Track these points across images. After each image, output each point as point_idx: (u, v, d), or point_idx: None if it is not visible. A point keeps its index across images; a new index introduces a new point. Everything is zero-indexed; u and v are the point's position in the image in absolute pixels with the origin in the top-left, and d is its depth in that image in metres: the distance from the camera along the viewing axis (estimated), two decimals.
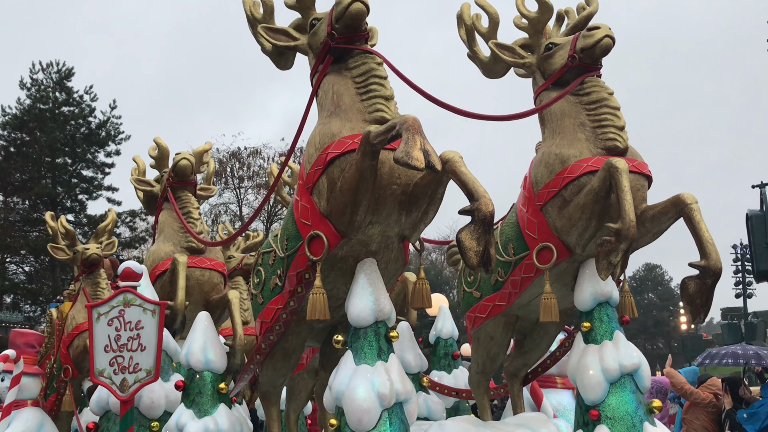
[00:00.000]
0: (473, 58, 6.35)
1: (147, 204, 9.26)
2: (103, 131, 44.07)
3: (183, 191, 8.35)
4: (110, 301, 6.03)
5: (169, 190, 8.31)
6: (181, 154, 8.28)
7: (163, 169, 8.82)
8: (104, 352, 5.96)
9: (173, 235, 8.19)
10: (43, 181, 42.56)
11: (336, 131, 5.03)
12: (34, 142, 42.06)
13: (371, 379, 4.85)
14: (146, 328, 5.97)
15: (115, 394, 5.92)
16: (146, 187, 8.97)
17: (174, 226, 8.25)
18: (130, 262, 6.30)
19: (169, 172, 8.40)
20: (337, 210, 4.91)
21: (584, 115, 5.71)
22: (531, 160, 6.04)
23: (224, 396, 5.89)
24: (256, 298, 5.78)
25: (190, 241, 8.04)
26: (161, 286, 7.88)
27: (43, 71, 43.81)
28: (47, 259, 41.74)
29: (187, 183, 8.41)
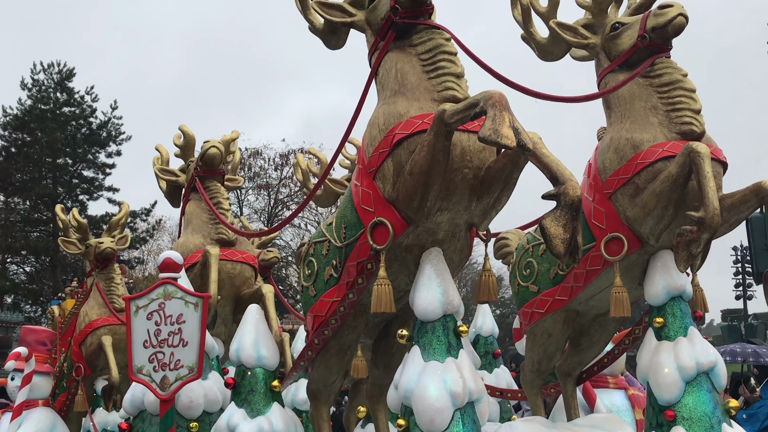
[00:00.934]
0: (528, 39, 5.96)
1: (170, 195, 8.81)
2: (104, 132, 43.65)
3: (211, 181, 7.90)
4: (149, 294, 5.60)
5: (197, 180, 7.85)
6: (210, 142, 7.83)
7: (188, 159, 8.36)
8: (143, 348, 5.52)
9: (202, 226, 7.73)
10: (44, 181, 42.13)
11: (403, 111, 4.63)
12: (35, 143, 41.65)
13: (442, 377, 4.45)
14: (188, 323, 5.54)
15: (155, 392, 5.49)
16: (171, 177, 8.51)
17: (202, 217, 7.79)
18: (170, 252, 5.87)
19: (197, 161, 7.93)
20: (405, 195, 4.50)
21: (656, 98, 5.33)
22: (595, 146, 5.65)
23: (277, 394, 5.46)
24: (308, 291, 5.37)
25: (220, 233, 7.59)
26: (191, 279, 7.43)
27: (44, 72, 43.40)
28: (48, 260, 41.36)
29: (215, 172, 7.96)
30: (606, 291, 5.54)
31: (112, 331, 10.11)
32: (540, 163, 4.28)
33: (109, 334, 10.04)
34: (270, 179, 41.99)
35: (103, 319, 10.13)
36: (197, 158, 7.95)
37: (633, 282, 5.46)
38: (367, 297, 5.01)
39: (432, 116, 4.48)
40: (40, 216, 41.89)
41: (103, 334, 10.00)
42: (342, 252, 5.01)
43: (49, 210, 42.00)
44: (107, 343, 9.91)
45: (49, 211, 41.99)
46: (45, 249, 40.68)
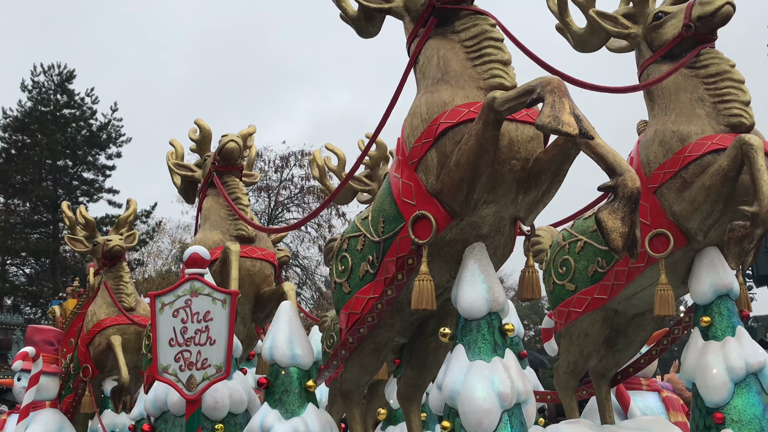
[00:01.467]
0: (564, 29, 5.75)
1: (185, 191, 8.54)
2: (104, 134, 43.55)
3: (229, 176, 7.62)
4: (175, 290, 5.35)
5: (214, 175, 7.59)
6: (229, 136, 7.56)
7: (205, 153, 8.10)
8: (169, 346, 5.28)
9: (220, 222, 7.46)
10: (44, 183, 42.01)
11: (447, 100, 4.40)
12: (35, 145, 41.52)
13: (490, 377, 4.21)
14: (216, 320, 5.29)
15: (182, 392, 5.24)
16: (186, 172, 8.23)
17: (221, 213, 7.51)
18: (196, 247, 5.63)
19: (214, 156, 7.67)
20: (450, 187, 4.27)
21: (702, 89, 5.12)
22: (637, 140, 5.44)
23: (312, 395, 5.21)
24: (341, 288, 5.13)
25: (240, 229, 7.32)
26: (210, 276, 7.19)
27: (45, 73, 43.30)
28: (48, 261, 41.16)
29: (233, 167, 7.69)
30: (648, 289, 5.33)
31: (121, 331, 9.85)
32: (595, 154, 4.05)
33: (118, 334, 9.78)
34: (270, 181, 41.76)
35: (111, 319, 9.88)
36: (215, 152, 7.69)
37: (677, 280, 5.25)
38: (405, 294, 4.79)
39: (479, 105, 4.26)
40: (40, 218, 41.74)
41: (112, 334, 9.75)
42: (379, 247, 4.78)
43: (49, 212, 41.91)
44: (116, 343, 9.65)
45: (49, 213, 41.89)
46: (45, 251, 40.52)
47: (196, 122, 8.16)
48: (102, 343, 9.83)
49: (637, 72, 5.52)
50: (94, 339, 9.95)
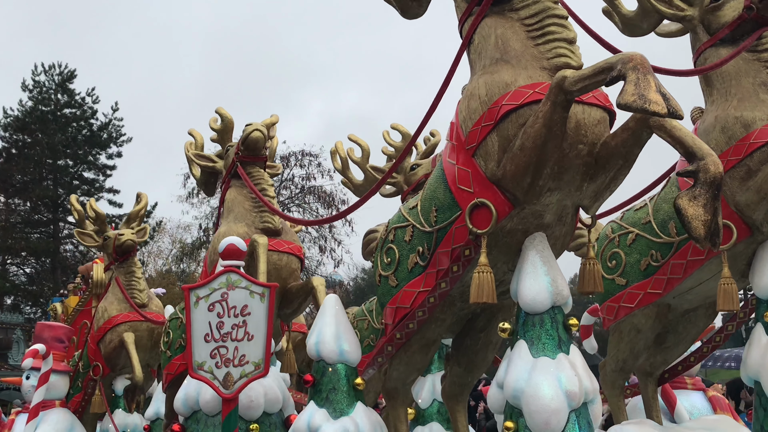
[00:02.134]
0: (612, 12, 5.47)
1: (204, 182, 8.20)
2: (105, 133, 43.15)
3: (253, 167, 7.29)
4: (211, 283, 5.05)
5: (238, 166, 7.25)
6: (253, 125, 7.22)
7: (226, 143, 7.76)
8: (204, 342, 4.97)
9: (245, 214, 7.10)
10: (45, 182, 41.61)
11: (509, 80, 4.11)
12: (35, 144, 41.15)
13: (556, 375, 3.93)
14: (253, 314, 4.99)
15: (218, 391, 4.95)
16: (207, 163, 7.87)
17: (245, 204, 7.16)
18: (232, 238, 5.33)
19: (237, 145, 7.33)
20: (514, 173, 3.99)
21: (765, 73, 4.85)
22: (693, 128, 5.16)
23: (360, 393, 4.90)
24: (387, 281, 4.84)
25: (266, 222, 6.97)
26: None
27: (45, 73, 42.89)
28: (48, 261, 40.78)
29: (258, 158, 7.36)
30: (706, 284, 5.06)
31: (134, 328, 9.51)
32: (672, 137, 3.77)
33: (130, 331, 9.45)
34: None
35: (123, 315, 9.54)
36: (238, 142, 7.36)
37: (737, 273, 4.96)
38: (458, 287, 4.51)
39: (544, 86, 3.98)
40: (40, 217, 41.38)
41: (124, 331, 9.42)
42: (431, 237, 4.49)
43: (49, 211, 41.53)
44: (129, 340, 9.32)
45: (49, 213, 41.52)
46: (45, 250, 40.16)
47: (217, 111, 7.82)
48: (114, 340, 9.50)
49: (693, 57, 5.24)
50: (105, 336, 9.61)
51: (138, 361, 9.24)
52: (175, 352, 7.57)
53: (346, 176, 8.26)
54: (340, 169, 8.26)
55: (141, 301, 9.63)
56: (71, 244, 42.11)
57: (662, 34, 5.56)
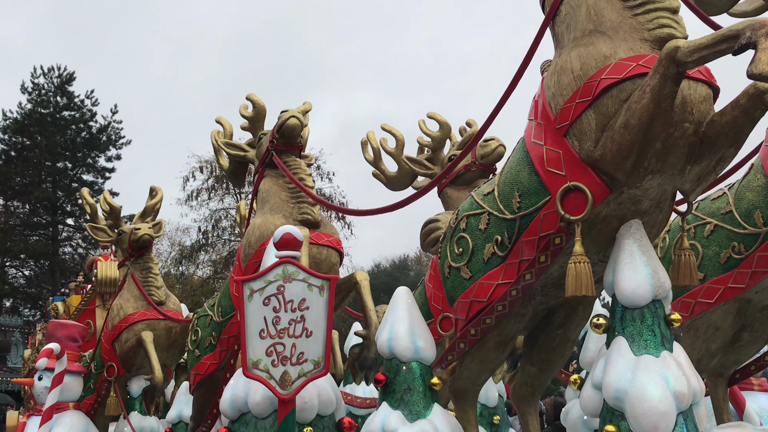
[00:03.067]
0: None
1: (233, 173, 7.74)
2: (104, 136, 42.63)
3: (289, 155, 6.86)
4: (266, 275, 4.63)
5: (273, 154, 6.82)
6: (289, 112, 6.78)
7: (258, 131, 7.33)
8: (259, 339, 4.55)
9: (282, 205, 6.65)
10: (44, 185, 41.07)
11: (608, 53, 3.73)
12: (34, 147, 40.64)
13: (663, 374, 3.55)
14: (312, 309, 4.58)
15: (275, 391, 4.53)
16: (237, 152, 7.41)
17: (281, 195, 6.71)
18: (288, 227, 4.91)
19: (272, 133, 6.90)
20: (615, 153, 3.60)
21: None
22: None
23: (436, 394, 4.48)
24: (458, 273, 4.44)
25: (305, 213, 6.52)
26: None
27: (44, 75, 42.37)
28: (47, 263, 40.24)
29: (294, 146, 6.93)
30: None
31: (151, 326, 9.03)
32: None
33: (148, 330, 8.99)
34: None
35: (140, 313, 9.05)
36: (272, 130, 6.93)
37: None
38: (540, 279, 4.12)
39: (648, 58, 3.61)
40: (39, 220, 40.85)
41: (142, 330, 8.94)
42: (513, 225, 4.09)
43: (48, 214, 41.01)
44: (148, 339, 8.84)
45: (48, 215, 41.00)
46: (44, 253, 39.62)
47: (248, 98, 7.37)
48: (130, 339, 9.04)
49: None
50: (120, 335, 9.14)
51: (157, 360, 8.79)
52: (204, 351, 7.15)
53: (378, 168, 7.86)
54: (372, 161, 7.86)
55: (159, 299, 9.17)
56: (70, 246, 41.65)
57: (737, 14, 5.19)
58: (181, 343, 9.35)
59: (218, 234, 40.38)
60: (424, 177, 7.57)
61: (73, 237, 41.96)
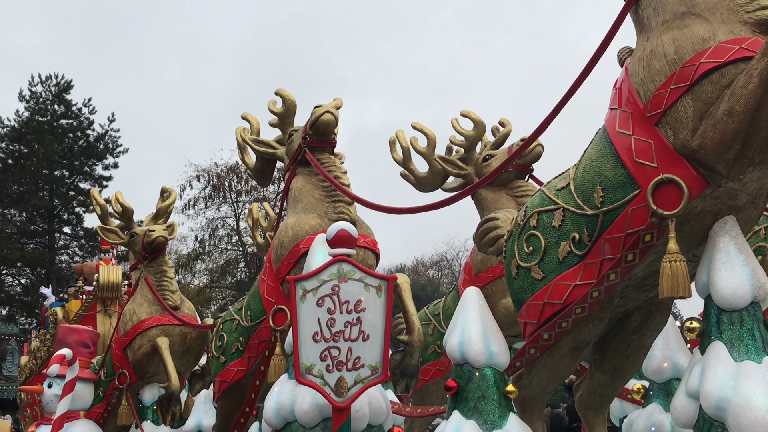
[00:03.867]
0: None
1: (260, 171, 7.36)
2: (101, 144, 42.20)
3: (322, 152, 6.54)
4: (320, 274, 4.31)
5: (306, 151, 6.48)
6: (324, 107, 6.44)
7: (287, 128, 6.99)
8: (313, 342, 4.23)
9: (316, 204, 6.31)
10: (41, 193, 40.58)
11: (706, 35, 3.43)
12: (31, 155, 40.15)
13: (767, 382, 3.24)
14: (369, 311, 4.26)
15: (329, 398, 4.20)
16: (266, 149, 7.04)
17: (315, 194, 6.36)
18: (342, 223, 4.58)
19: (305, 129, 6.56)
20: (717, 143, 3.30)
21: None
22: None
23: (510, 402, 4.15)
24: (528, 273, 4.12)
25: (341, 212, 6.19)
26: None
27: (42, 84, 41.96)
28: (43, 272, 39.72)
29: (327, 143, 6.61)
30: None
31: (166, 332, 8.67)
32: None
33: (163, 335, 8.63)
34: (267, 193, 40.84)
35: (154, 318, 8.67)
36: (305, 126, 6.60)
37: None
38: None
39: (752, 41, 3.33)
40: (36, 228, 40.35)
41: (157, 336, 8.56)
42: (595, 221, 3.78)
43: (45, 222, 40.52)
44: (164, 345, 8.45)
45: (45, 223, 40.50)
46: (40, 261, 39.11)
47: (278, 93, 7.02)
48: (144, 345, 8.65)
49: None
50: (133, 341, 8.75)
51: (174, 368, 8.41)
52: (231, 357, 6.79)
53: (408, 168, 7.53)
54: (401, 161, 7.53)
55: (174, 303, 8.79)
56: (66, 254, 41.13)
57: None
58: (197, 350, 9.00)
59: (215, 243, 40.02)
60: (457, 177, 7.26)
61: (70, 245, 41.48)
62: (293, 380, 4.67)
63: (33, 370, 14.85)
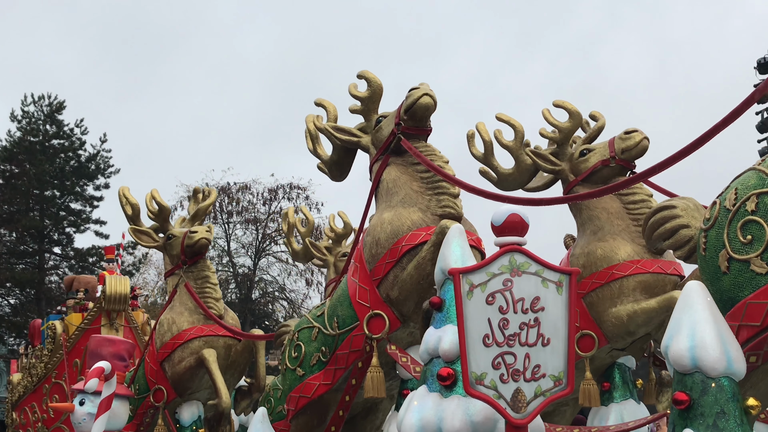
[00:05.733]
0: None
1: (337, 163, 6.54)
2: (93, 164, 41.28)
3: (418, 140, 5.77)
4: (488, 266, 3.54)
5: (402, 138, 5.69)
6: (421, 89, 5.67)
7: (372, 114, 6.20)
8: (484, 347, 3.45)
9: (415, 197, 5.53)
10: (31, 213, 39.53)
11: None
12: (23, 175, 39.09)
13: None
14: (548, 310, 3.50)
15: (506, 414, 3.42)
16: (349, 137, 6.25)
17: (413, 185, 5.60)
18: (513, 207, 3.81)
19: (398, 114, 5.78)
20: None
21: None
22: None
23: (752, 418, 3.37)
24: (746, 267, 3.44)
25: (446, 206, 5.42)
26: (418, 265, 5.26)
27: (35, 104, 41.06)
28: (33, 292, 38.49)
29: (424, 129, 5.85)
30: None
31: (209, 344, 7.82)
32: None
33: (207, 347, 7.76)
34: (258, 214, 40.16)
35: (197, 329, 7.77)
36: (399, 110, 5.82)
37: None
38: None
39: None
40: (26, 248, 39.30)
41: (200, 348, 7.69)
42: None
43: (35, 242, 39.43)
44: (211, 358, 7.56)
45: (35, 243, 39.41)
46: (30, 281, 37.95)
47: (362, 75, 6.24)
48: (186, 358, 7.77)
49: None
50: (173, 354, 7.85)
51: (224, 383, 7.56)
52: (311, 369, 5.95)
53: (489, 163, 6.77)
54: (481, 156, 6.78)
55: (218, 312, 7.97)
56: (56, 275, 39.95)
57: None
58: (242, 364, 8.15)
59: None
60: (549, 174, 6.53)
61: (60, 266, 40.32)
62: (436, 393, 3.90)
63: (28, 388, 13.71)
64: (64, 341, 11.25)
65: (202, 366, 7.70)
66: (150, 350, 8.26)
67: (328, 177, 6.53)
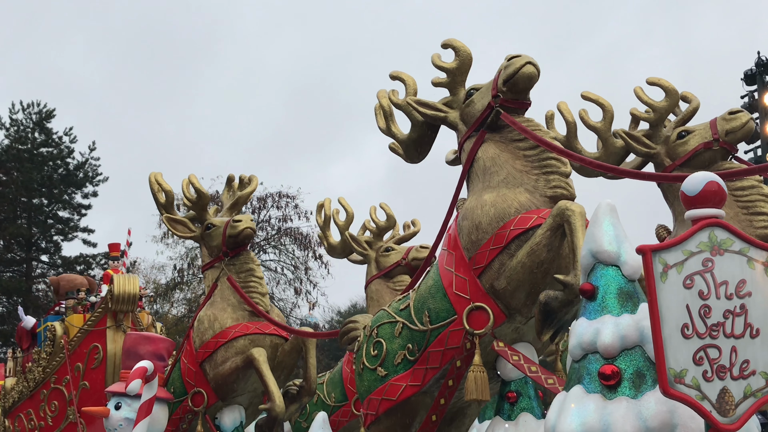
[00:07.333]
0: None
1: (416, 141, 5.82)
2: (81, 172, 40.50)
3: (517, 114, 5.14)
4: (684, 243, 2.94)
5: (502, 112, 5.06)
6: (522, 58, 4.97)
7: (458, 87, 5.53)
8: (683, 338, 2.85)
9: (519, 177, 4.83)
10: (19, 221, 38.57)
11: None
12: (10, 182, 38.15)
13: None
14: (756, 296, 2.92)
15: (711, 417, 2.82)
16: (435, 112, 5.55)
17: (515, 164, 4.89)
18: (709, 174, 3.18)
19: (495, 85, 5.14)
20: None
21: None
22: None
23: None
24: None
25: (557, 187, 4.78)
26: (532, 250, 4.58)
27: (23, 111, 40.25)
28: (20, 300, 37.39)
29: (524, 103, 5.23)
30: None
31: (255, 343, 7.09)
32: None
33: (254, 346, 7.03)
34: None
35: (242, 326, 7.00)
36: (496, 80, 5.17)
37: None
38: None
39: None
40: (13, 256, 38.32)
41: (246, 347, 6.95)
42: None
43: (22, 250, 38.46)
44: (261, 358, 6.79)
45: (22, 251, 38.43)
46: (17, 289, 36.91)
47: (447, 43, 5.56)
48: (230, 358, 6.99)
49: None
50: (215, 354, 7.08)
51: (276, 385, 6.85)
52: (395, 369, 5.22)
53: (573, 147, 6.12)
54: (562, 139, 6.14)
55: (264, 308, 7.26)
56: (44, 283, 38.92)
57: None
58: (290, 364, 7.43)
59: (194, 272, 38.31)
60: (643, 157, 5.94)
61: (47, 274, 39.25)
62: (596, 394, 3.28)
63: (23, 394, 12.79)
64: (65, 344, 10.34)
65: (249, 367, 6.94)
66: (187, 350, 7.47)
67: (402, 158, 5.83)
